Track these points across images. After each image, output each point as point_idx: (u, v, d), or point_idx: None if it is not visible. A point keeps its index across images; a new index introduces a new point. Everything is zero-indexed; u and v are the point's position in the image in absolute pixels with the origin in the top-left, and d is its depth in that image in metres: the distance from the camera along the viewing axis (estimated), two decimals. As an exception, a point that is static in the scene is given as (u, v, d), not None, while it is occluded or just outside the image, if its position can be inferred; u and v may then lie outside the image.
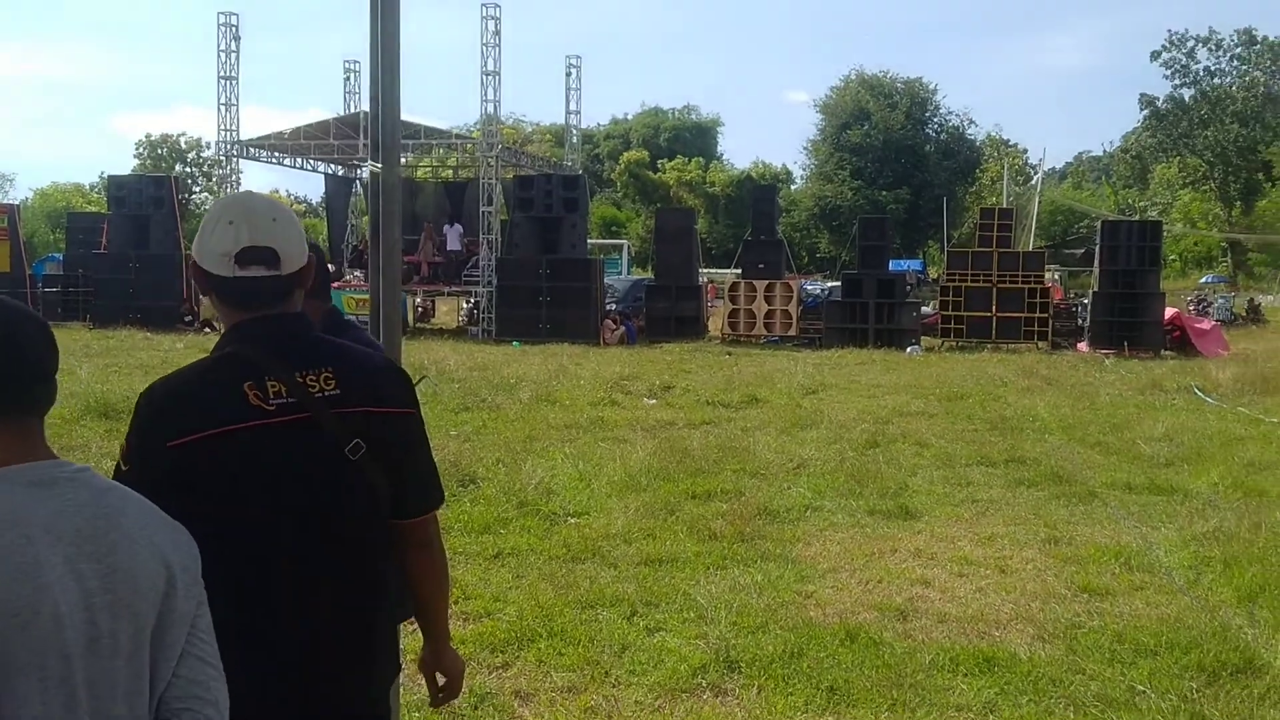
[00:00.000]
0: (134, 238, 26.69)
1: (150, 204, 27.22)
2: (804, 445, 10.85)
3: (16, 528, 1.62)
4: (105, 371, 15.66)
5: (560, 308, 23.87)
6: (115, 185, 28.70)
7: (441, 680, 2.58)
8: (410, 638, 3.74)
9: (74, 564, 1.66)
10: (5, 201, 43.29)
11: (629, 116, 79.47)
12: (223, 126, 28.74)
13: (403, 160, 34.31)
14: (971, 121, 64.79)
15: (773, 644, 5.25)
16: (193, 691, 1.78)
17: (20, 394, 1.72)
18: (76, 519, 1.69)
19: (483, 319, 26.54)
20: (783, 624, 5.55)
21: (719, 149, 77.56)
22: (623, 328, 24.50)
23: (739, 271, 26.98)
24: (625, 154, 70.61)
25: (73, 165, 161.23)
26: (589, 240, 29.53)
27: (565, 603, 5.79)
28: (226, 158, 29.75)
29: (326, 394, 2.17)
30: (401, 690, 3.54)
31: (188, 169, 69.93)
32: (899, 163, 59.69)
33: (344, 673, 2.22)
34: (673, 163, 68.33)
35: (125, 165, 77.29)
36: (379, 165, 3.30)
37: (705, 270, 33.70)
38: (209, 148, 59.62)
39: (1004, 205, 38.65)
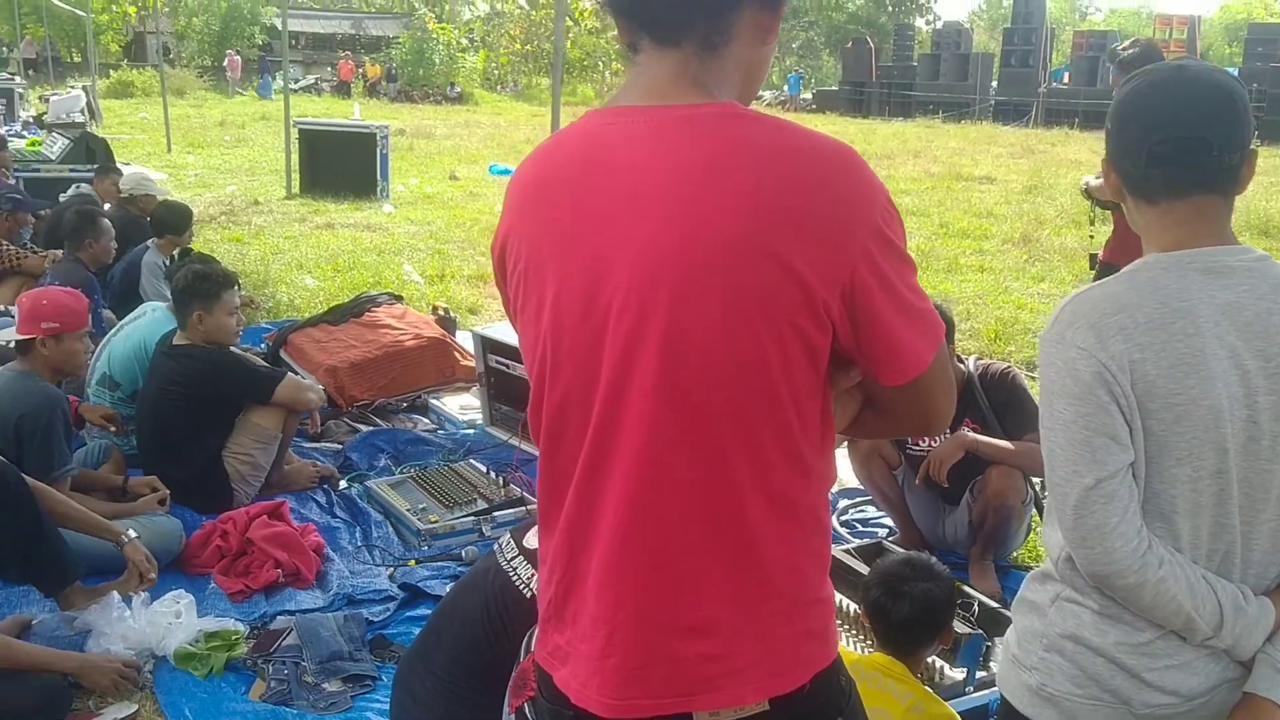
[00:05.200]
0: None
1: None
2: None
3: (1186, 317, 1.58)
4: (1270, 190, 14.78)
5: None
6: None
7: None
8: None
9: (1239, 359, 1.59)
10: (1186, 14, 42.30)
11: None
12: None
13: None
14: None
15: None
16: None
17: (1193, 167, 1.63)
18: (1248, 312, 1.60)
19: None
20: None
21: None
22: None
23: None
24: None
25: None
26: None
27: None
28: None
29: None
30: None
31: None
32: None
33: None
34: None
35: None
36: None
37: None
38: None
39: None
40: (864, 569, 3.11)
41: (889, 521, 4.35)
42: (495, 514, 4.19)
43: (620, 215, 1.31)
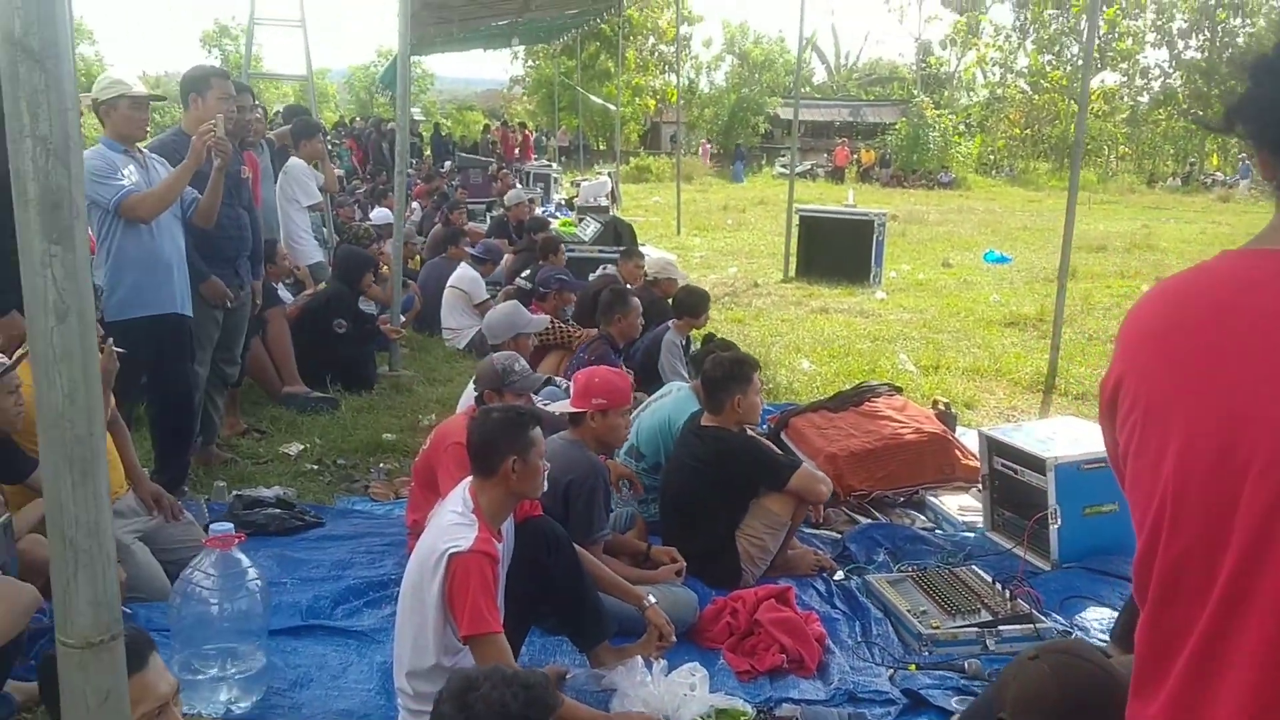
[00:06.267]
0: None
1: None
2: None
3: None
4: None
5: None
6: None
7: None
8: None
9: None
10: None
11: None
12: None
13: None
14: None
15: None
16: None
17: None
18: None
19: None
20: None
21: None
22: None
23: None
24: None
25: None
26: None
27: None
28: None
29: None
30: None
31: None
32: None
33: None
34: None
35: None
36: None
37: None
38: None
39: None
40: None
41: None
42: (1000, 628, 4.00)
43: (1267, 365, 1.20)
